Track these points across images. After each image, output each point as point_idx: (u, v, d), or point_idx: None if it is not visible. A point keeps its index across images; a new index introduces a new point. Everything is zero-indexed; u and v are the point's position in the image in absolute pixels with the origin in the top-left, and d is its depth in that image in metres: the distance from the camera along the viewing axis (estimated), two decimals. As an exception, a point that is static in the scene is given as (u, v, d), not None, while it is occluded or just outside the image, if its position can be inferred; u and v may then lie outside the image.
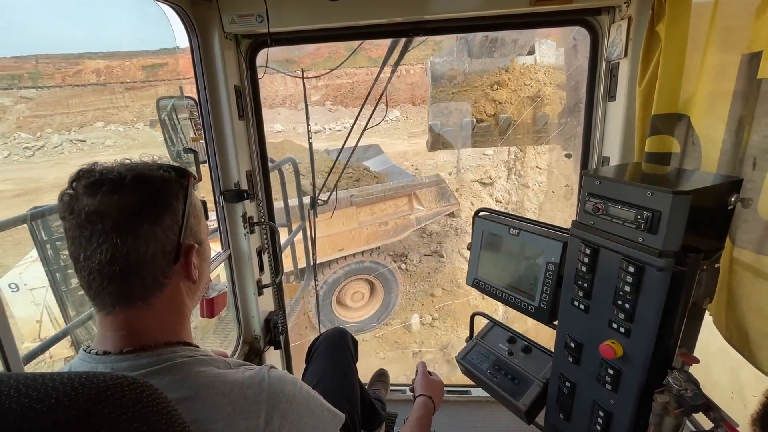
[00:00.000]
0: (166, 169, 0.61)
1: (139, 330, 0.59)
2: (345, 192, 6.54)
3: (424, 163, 11.22)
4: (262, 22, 1.40)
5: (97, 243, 0.54)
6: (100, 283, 0.56)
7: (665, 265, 0.82)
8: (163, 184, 0.59)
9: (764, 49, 0.84)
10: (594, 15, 1.43)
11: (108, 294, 0.57)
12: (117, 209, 0.55)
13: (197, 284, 0.66)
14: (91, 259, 0.55)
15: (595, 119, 1.51)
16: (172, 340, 0.62)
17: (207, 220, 0.76)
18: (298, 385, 0.67)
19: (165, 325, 0.62)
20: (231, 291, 1.73)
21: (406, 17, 1.43)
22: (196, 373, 0.58)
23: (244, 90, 1.61)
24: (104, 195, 0.55)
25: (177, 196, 0.61)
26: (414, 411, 1.05)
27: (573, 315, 1.06)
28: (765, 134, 0.86)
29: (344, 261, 6.44)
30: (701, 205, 0.82)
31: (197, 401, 0.56)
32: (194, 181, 0.66)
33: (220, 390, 0.58)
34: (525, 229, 1.26)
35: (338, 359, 1.30)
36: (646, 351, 0.89)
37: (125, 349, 0.58)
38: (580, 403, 1.09)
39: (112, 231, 0.54)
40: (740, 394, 1.12)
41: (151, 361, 0.57)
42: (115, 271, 0.55)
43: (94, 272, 0.56)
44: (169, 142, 1.76)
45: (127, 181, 0.56)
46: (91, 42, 33.64)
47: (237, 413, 0.58)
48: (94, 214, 0.54)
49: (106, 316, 0.58)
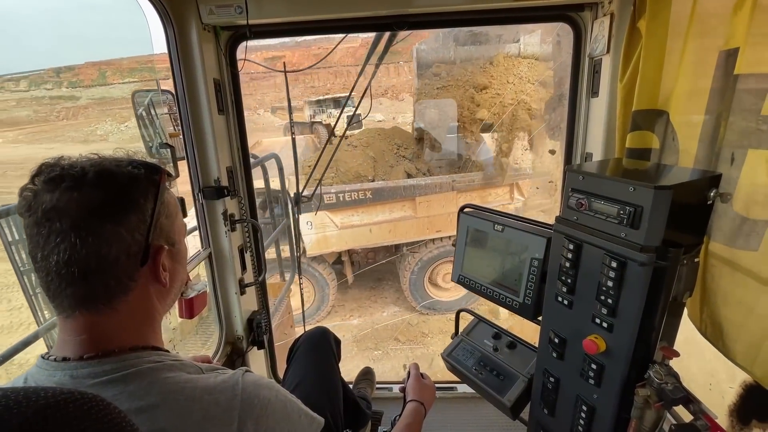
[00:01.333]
0: (135, 165, 0.57)
1: (102, 335, 0.55)
2: (447, 177, 7.19)
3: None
4: (241, 13, 1.36)
5: (54, 242, 0.51)
6: (58, 285, 0.53)
7: (647, 260, 0.82)
8: (129, 182, 0.56)
9: (740, 46, 0.85)
10: (577, 11, 1.43)
11: (66, 297, 0.53)
12: (76, 207, 0.51)
13: (168, 288, 0.63)
14: (48, 259, 0.51)
15: (579, 115, 1.52)
16: (139, 344, 0.58)
17: (185, 217, 0.73)
18: (274, 389, 0.64)
19: (131, 329, 0.58)
20: (212, 290, 1.69)
21: (389, 10, 1.41)
22: (163, 380, 0.55)
23: (224, 84, 1.56)
24: (63, 191, 0.51)
25: (145, 194, 0.57)
26: (404, 417, 1.04)
27: (557, 310, 1.06)
28: (741, 130, 0.87)
29: (440, 242, 7.11)
30: (682, 200, 0.83)
31: (164, 409, 0.53)
32: (168, 179, 0.62)
33: (190, 396, 0.55)
34: (509, 225, 1.26)
35: (320, 359, 1.28)
36: (628, 345, 0.89)
37: (86, 355, 0.54)
38: (564, 398, 1.10)
39: (70, 230, 0.51)
40: (718, 386, 1.15)
41: (115, 367, 0.54)
42: (74, 273, 0.52)
43: (51, 273, 0.52)
44: (147, 138, 1.70)
45: (89, 177, 0.53)
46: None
47: (207, 420, 0.55)
48: (51, 212, 0.51)
49: (66, 319, 0.55)
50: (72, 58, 48.51)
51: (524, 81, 7.76)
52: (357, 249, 7.59)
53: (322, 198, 6.78)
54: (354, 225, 7.04)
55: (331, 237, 7.06)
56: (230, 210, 1.63)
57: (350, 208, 6.97)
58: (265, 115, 18.60)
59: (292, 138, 1.93)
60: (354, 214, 7.02)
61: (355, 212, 7.01)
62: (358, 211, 7.00)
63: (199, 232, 1.63)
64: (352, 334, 7.03)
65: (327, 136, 11.59)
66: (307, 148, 9.64)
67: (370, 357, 6.43)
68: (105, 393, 0.53)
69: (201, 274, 1.80)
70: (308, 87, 19.06)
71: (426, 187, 7.08)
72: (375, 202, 6.96)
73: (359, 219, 7.02)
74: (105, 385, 0.53)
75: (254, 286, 1.80)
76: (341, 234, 7.05)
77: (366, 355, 6.49)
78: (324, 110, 12.83)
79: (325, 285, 7.43)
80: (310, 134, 11.07)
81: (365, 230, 7.09)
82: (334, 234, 7.04)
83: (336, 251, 7.44)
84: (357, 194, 6.93)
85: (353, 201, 6.92)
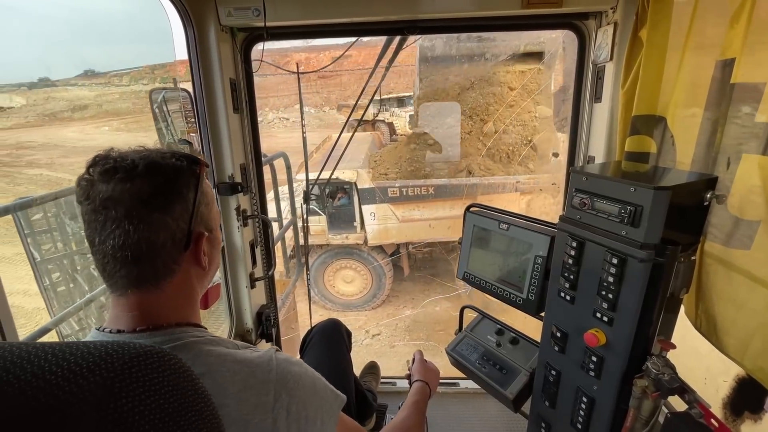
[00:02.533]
0: (178, 158, 0.62)
1: (151, 311, 0.61)
2: (512, 178, 7.34)
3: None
4: (258, 15, 1.41)
5: (110, 229, 0.56)
6: (114, 266, 0.58)
7: (646, 257, 0.87)
8: (174, 173, 0.61)
9: (737, 56, 0.90)
10: (582, 19, 1.48)
11: (120, 277, 0.58)
12: (129, 197, 0.56)
13: (207, 271, 0.68)
14: (104, 243, 0.56)
15: (582, 119, 1.57)
16: (183, 321, 0.64)
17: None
18: (303, 366, 0.70)
19: (175, 307, 0.63)
20: (224, 284, 1.73)
21: (401, 15, 1.46)
22: (207, 352, 0.60)
23: (239, 83, 1.61)
24: (117, 182, 0.56)
25: (188, 185, 0.62)
26: (411, 395, 1.09)
27: (559, 306, 1.11)
28: (736, 135, 0.92)
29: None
30: (680, 201, 0.87)
31: (209, 378, 0.58)
32: (206, 170, 0.67)
33: (231, 368, 0.60)
34: (514, 223, 1.31)
35: (333, 350, 1.33)
36: (628, 338, 0.94)
37: (138, 328, 0.59)
38: (565, 390, 1.14)
39: (124, 218, 0.56)
40: (713, 380, 1.20)
41: (165, 339, 0.59)
42: (127, 257, 0.57)
43: (108, 256, 0.57)
44: (164, 133, 1.75)
45: (140, 170, 0.57)
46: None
47: (247, 389, 0.60)
48: (108, 201, 0.56)
49: (119, 297, 0.60)
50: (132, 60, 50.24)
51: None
52: (415, 242, 7.86)
53: (387, 191, 7.17)
54: (414, 219, 7.31)
55: (392, 229, 7.38)
56: (243, 206, 1.68)
57: (412, 202, 7.27)
58: (330, 113, 20.38)
59: (303, 137, 1.97)
60: (415, 209, 7.30)
61: (416, 207, 7.29)
62: (419, 206, 7.28)
63: (213, 226, 1.67)
64: (404, 324, 7.36)
65: (390, 133, 11.75)
66: (373, 144, 9.78)
67: (422, 347, 6.60)
68: None
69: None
70: (342, 89, 20.29)
71: (489, 186, 7.29)
72: (436, 198, 7.22)
73: (420, 214, 7.29)
74: None
75: (264, 280, 1.85)
76: (401, 227, 7.36)
77: (417, 345, 6.60)
78: (387, 108, 12.92)
79: (383, 275, 7.71)
80: (373, 131, 11.20)
81: (425, 225, 7.37)
82: (394, 226, 7.35)
83: (395, 243, 7.73)
84: (420, 189, 7.26)
85: (416, 196, 7.25)
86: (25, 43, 39.99)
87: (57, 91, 24.81)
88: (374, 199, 7.24)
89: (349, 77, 19.83)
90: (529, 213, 5.70)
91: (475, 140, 8.28)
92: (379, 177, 7.73)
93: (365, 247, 7.53)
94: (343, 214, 7.43)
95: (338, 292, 7.87)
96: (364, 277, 7.78)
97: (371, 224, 7.32)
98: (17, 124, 21.68)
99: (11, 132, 20.04)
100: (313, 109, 21.40)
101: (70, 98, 23.08)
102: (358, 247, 7.58)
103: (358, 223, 7.41)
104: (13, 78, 27.91)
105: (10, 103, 23.57)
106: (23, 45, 39.57)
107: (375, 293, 7.82)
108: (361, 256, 7.64)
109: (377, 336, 7.22)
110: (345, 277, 7.82)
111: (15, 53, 36.63)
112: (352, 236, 7.44)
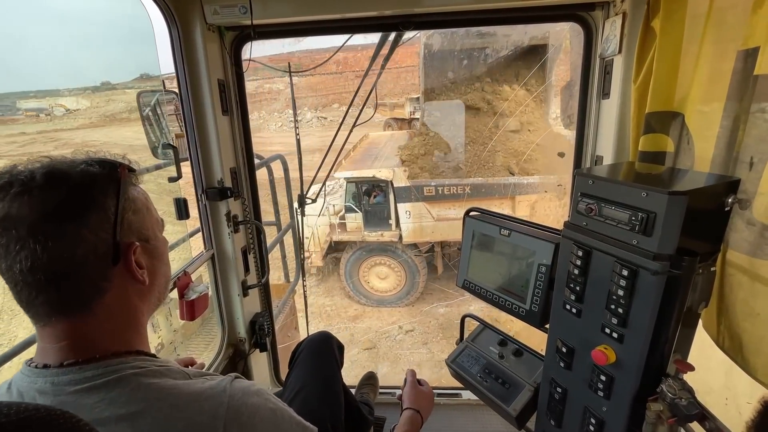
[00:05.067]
0: (91, 163, 0.55)
1: (82, 340, 0.54)
2: (553, 177, 7.20)
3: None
4: (246, 13, 1.35)
5: (14, 251, 0.49)
6: (29, 293, 0.51)
7: (660, 269, 0.79)
8: (84, 180, 0.53)
9: (761, 45, 0.81)
10: (587, 10, 1.40)
11: (40, 304, 0.51)
12: (29, 211, 0.49)
13: (149, 286, 0.60)
14: (12, 269, 0.49)
15: (589, 117, 1.48)
16: (122, 349, 0.56)
17: (187, 218, 0.71)
18: (263, 396, 0.61)
19: (112, 333, 0.56)
20: (214, 292, 1.68)
21: (395, 10, 1.38)
22: (147, 386, 0.53)
23: (228, 84, 1.56)
24: (13, 197, 0.49)
25: (105, 192, 0.55)
26: (399, 425, 1.01)
27: (565, 319, 1.02)
28: (760, 133, 0.83)
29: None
30: (698, 206, 0.79)
31: (147, 416, 0.51)
32: (129, 174, 0.59)
33: (173, 403, 0.53)
34: (516, 229, 1.23)
35: (322, 365, 1.25)
36: (640, 357, 0.85)
37: (66, 362, 0.52)
38: (572, 409, 1.06)
39: (28, 236, 0.49)
40: (734, 400, 1.10)
41: (97, 373, 0.52)
42: (41, 280, 0.50)
43: (19, 283, 0.50)
44: (153, 139, 1.70)
45: (38, 180, 0.50)
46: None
47: (191, 428, 0.53)
48: (6, 220, 0.49)
49: (44, 327, 0.53)
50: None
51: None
52: (450, 242, 7.88)
53: (422, 189, 7.20)
54: (450, 218, 7.32)
55: (426, 227, 7.42)
56: (233, 211, 1.62)
57: (448, 201, 7.30)
58: (366, 111, 21.72)
59: (297, 139, 1.91)
60: (451, 208, 7.31)
61: (452, 206, 7.30)
62: (455, 205, 7.28)
63: (202, 233, 1.62)
64: (438, 322, 7.44)
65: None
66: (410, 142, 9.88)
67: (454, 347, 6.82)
68: (86, 400, 0.51)
69: (204, 275, 1.79)
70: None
71: (528, 186, 7.22)
72: (472, 198, 7.21)
73: (455, 213, 7.26)
74: (86, 392, 0.51)
75: (257, 287, 1.79)
76: (436, 225, 7.38)
77: (450, 343, 6.64)
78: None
79: (416, 272, 7.79)
80: (408, 129, 11.23)
81: (460, 224, 7.15)
82: (429, 225, 7.39)
83: (429, 241, 7.78)
84: (456, 189, 7.28)
85: (451, 195, 7.28)
86: (86, 48, 41.88)
87: (116, 93, 26.62)
88: (410, 198, 7.29)
89: (385, 75, 20.36)
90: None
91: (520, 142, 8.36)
92: (413, 172, 7.74)
93: (400, 244, 7.62)
94: (378, 211, 7.55)
95: (372, 288, 7.97)
96: (398, 274, 7.88)
97: (406, 222, 7.39)
98: (83, 125, 23.48)
99: (78, 132, 21.60)
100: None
101: (127, 100, 24.69)
102: (392, 245, 7.67)
103: (393, 221, 7.50)
104: (79, 82, 30.44)
105: (77, 106, 25.73)
106: (85, 50, 41.50)
107: (408, 290, 7.91)
108: (395, 253, 7.73)
109: (411, 332, 7.29)
110: (379, 274, 7.92)
111: (79, 58, 38.75)
112: (387, 234, 7.56)
